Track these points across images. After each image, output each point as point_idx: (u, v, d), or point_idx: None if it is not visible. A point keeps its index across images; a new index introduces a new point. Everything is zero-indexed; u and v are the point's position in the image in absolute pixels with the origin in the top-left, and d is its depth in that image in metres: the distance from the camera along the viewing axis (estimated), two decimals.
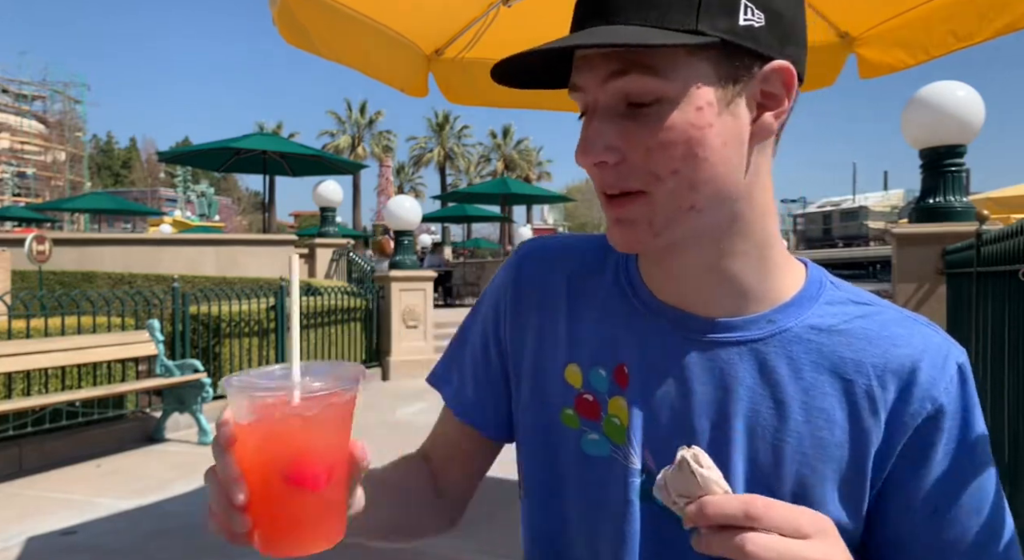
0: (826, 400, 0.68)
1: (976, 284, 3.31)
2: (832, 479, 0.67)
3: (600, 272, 0.79)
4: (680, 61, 0.62)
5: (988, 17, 2.24)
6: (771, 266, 0.71)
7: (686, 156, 0.62)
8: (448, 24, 2.95)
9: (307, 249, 11.98)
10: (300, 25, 2.33)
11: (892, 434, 0.67)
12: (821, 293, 0.72)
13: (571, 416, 0.76)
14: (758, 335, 0.70)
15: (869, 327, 0.70)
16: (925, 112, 4.61)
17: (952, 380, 0.68)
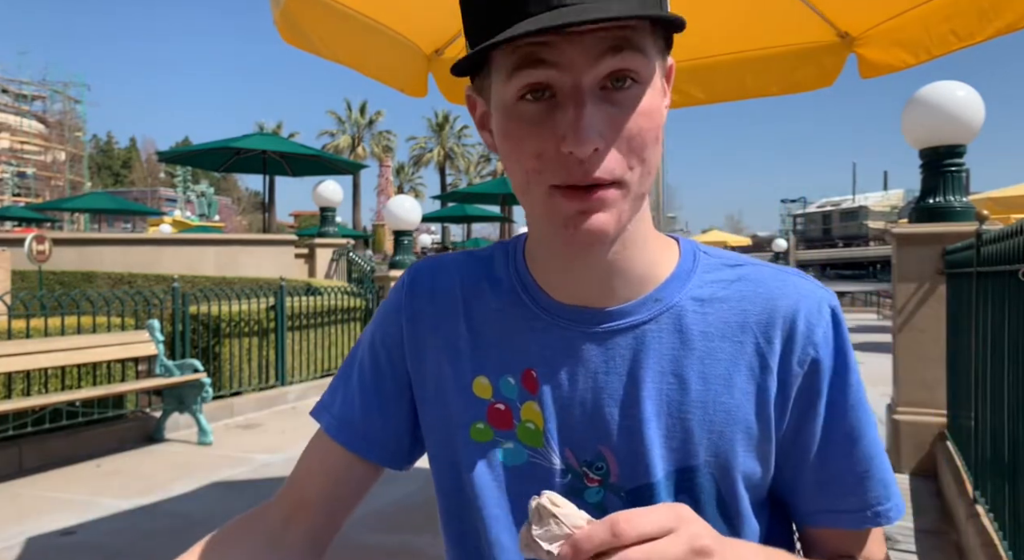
0: (720, 366, 0.71)
1: (976, 284, 3.31)
2: (741, 440, 0.70)
3: (493, 282, 0.79)
4: (650, 43, 0.63)
5: (989, 17, 2.24)
6: (651, 245, 0.73)
7: (653, 140, 0.63)
8: (448, 24, 2.95)
9: (307, 249, 11.98)
10: (300, 25, 2.33)
11: (784, 384, 0.71)
12: (696, 264, 0.75)
13: (482, 429, 0.75)
14: (648, 316, 0.72)
15: (746, 288, 0.73)
16: (925, 112, 4.62)
17: (828, 324, 0.72)
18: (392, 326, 0.82)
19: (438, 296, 0.80)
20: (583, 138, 0.59)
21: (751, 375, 0.71)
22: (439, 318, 0.79)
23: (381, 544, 3.70)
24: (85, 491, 4.53)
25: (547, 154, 0.62)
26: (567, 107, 0.60)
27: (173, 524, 3.97)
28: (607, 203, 0.62)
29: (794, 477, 0.74)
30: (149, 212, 27.38)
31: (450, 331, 0.78)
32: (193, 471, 4.94)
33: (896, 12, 2.61)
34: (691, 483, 0.70)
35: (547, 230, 0.69)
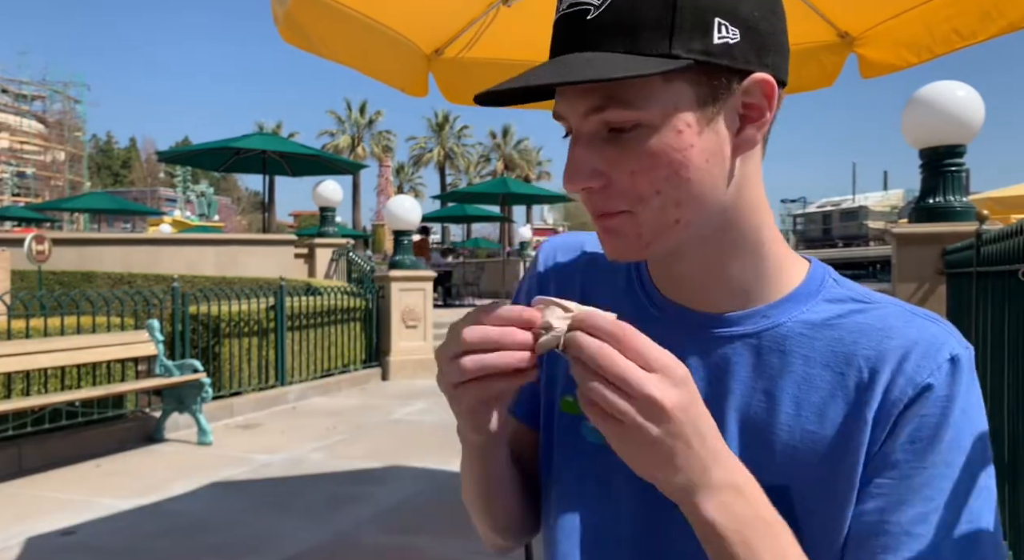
0: (816, 394, 0.68)
1: (976, 284, 3.31)
2: (823, 470, 0.66)
3: (612, 269, 0.82)
4: (656, 88, 0.62)
5: (991, 16, 2.24)
6: (769, 264, 0.72)
7: (669, 177, 0.64)
8: (448, 24, 2.95)
9: (307, 249, 11.98)
10: (300, 25, 2.33)
11: (879, 422, 0.65)
12: (821, 290, 0.72)
13: (570, 403, 0.77)
14: (752, 329, 0.71)
15: (864, 321, 0.69)
16: (925, 112, 4.61)
17: (941, 368, 0.64)
18: (526, 295, 0.88)
19: (560, 273, 0.85)
20: (568, 179, 0.65)
21: (846, 408, 0.66)
22: (559, 290, 0.84)
23: (382, 544, 3.70)
24: (85, 491, 4.52)
25: None
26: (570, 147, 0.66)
27: (173, 524, 3.97)
28: (615, 229, 0.66)
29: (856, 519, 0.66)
30: (149, 212, 27.37)
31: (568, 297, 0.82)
32: (193, 471, 4.94)
33: (897, 12, 2.61)
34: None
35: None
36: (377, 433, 6.16)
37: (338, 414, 6.91)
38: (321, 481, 4.78)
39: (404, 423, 6.49)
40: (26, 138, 47.70)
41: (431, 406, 7.30)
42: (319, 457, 5.37)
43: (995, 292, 2.92)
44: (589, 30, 0.61)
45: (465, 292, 16.70)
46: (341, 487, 4.63)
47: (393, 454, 5.33)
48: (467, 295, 16.64)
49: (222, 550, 3.63)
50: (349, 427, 6.35)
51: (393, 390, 8.37)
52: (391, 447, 5.56)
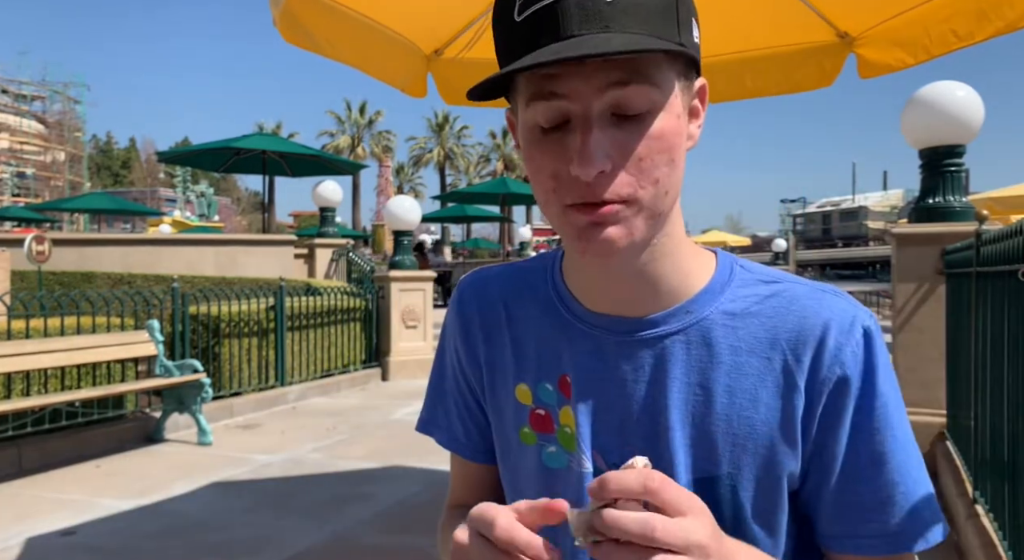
0: (747, 380, 0.72)
1: (976, 284, 3.31)
2: (764, 455, 0.71)
3: (532, 294, 0.83)
4: (664, 71, 0.65)
5: (988, 17, 2.24)
6: (684, 259, 0.75)
7: (668, 162, 0.66)
8: (447, 24, 2.95)
9: (307, 249, 11.98)
10: (301, 24, 2.33)
11: (811, 402, 0.71)
12: (732, 278, 0.76)
13: (528, 433, 0.80)
14: (678, 327, 0.74)
15: (778, 305, 0.74)
16: (925, 112, 4.62)
17: (858, 344, 0.71)
18: (450, 342, 0.90)
19: (483, 309, 0.86)
20: (588, 163, 0.63)
21: (778, 391, 0.71)
22: (486, 330, 0.85)
23: (382, 544, 3.70)
24: (85, 491, 4.52)
25: (561, 175, 0.66)
26: (576, 132, 0.64)
27: (173, 524, 3.97)
28: (617, 217, 0.65)
29: (816, 498, 0.74)
30: (149, 212, 27.38)
31: (496, 341, 0.84)
32: (193, 471, 4.94)
33: (895, 12, 2.61)
34: (712, 493, 0.71)
35: (567, 243, 0.72)
36: (377, 433, 6.16)
37: (338, 414, 6.91)
38: (321, 481, 4.78)
39: (404, 423, 6.49)
40: (26, 138, 47.67)
41: None
42: (319, 457, 5.37)
43: (995, 292, 2.92)
44: (610, 12, 0.62)
45: None
46: (341, 487, 4.63)
47: (393, 454, 5.33)
48: None
49: (222, 550, 3.63)
50: (349, 427, 6.36)
51: (393, 390, 8.37)
52: (391, 447, 5.56)
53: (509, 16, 0.65)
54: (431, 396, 0.93)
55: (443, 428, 0.91)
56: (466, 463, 0.92)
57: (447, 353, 0.91)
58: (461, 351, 0.87)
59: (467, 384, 0.88)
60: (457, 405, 0.90)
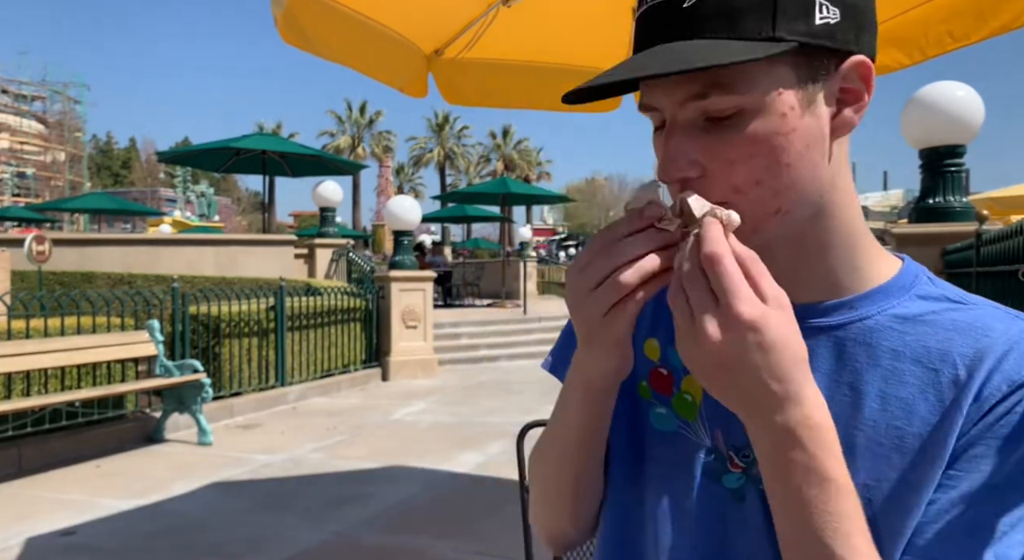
0: (905, 389, 0.64)
1: (976, 284, 3.32)
2: (908, 469, 0.62)
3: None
4: (759, 71, 0.60)
5: (985, 17, 2.24)
6: (860, 255, 0.69)
7: (769, 166, 0.62)
8: (448, 24, 2.95)
9: (307, 249, 11.98)
10: (300, 26, 2.33)
11: (968, 420, 0.61)
12: (914, 285, 0.69)
13: (645, 388, 0.78)
14: (838, 321, 0.68)
15: (960, 318, 0.66)
16: (924, 112, 4.62)
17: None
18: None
19: None
20: (666, 167, 0.63)
21: (940, 407, 0.63)
22: None
23: (382, 544, 3.70)
24: (85, 491, 4.53)
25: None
26: (665, 137, 0.64)
27: (173, 524, 3.97)
28: None
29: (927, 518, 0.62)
30: (149, 212, 27.35)
31: None
32: (193, 471, 4.94)
33: (892, 14, 2.61)
34: None
35: None
36: (377, 433, 6.16)
37: (338, 414, 6.91)
38: (321, 481, 4.78)
39: (404, 423, 6.49)
40: (26, 138, 47.69)
41: (431, 406, 7.31)
42: (319, 457, 5.37)
43: (995, 292, 2.92)
44: (687, 18, 0.59)
45: (465, 292, 16.69)
46: (341, 487, 4.63)
47: (393, 454, 5.33)
48: (467, 295, 16.63)
49: (222, 550, 3.63)
50: (349, 427, 6.36)
51: (393, 390, 8.37)
52: (391, 447, 5.56)
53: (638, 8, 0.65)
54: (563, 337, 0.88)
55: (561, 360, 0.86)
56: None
57: None
58: None
59: None
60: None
